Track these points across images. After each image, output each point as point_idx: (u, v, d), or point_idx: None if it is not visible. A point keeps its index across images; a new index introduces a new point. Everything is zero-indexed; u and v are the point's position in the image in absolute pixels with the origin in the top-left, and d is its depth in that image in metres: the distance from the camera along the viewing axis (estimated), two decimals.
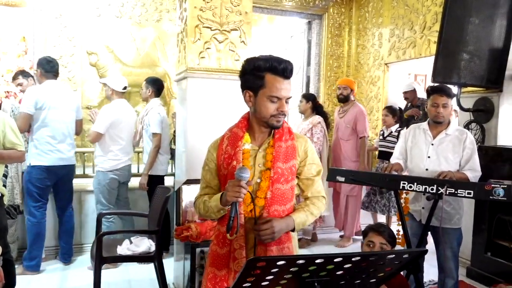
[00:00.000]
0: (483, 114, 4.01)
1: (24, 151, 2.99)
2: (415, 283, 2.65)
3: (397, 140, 4.74)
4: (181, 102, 3.34)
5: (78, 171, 4.62)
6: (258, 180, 1.65)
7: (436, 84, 2.93)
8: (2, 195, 2.87)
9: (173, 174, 4.50)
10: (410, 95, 5.03)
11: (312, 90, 6.12)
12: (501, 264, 3.54)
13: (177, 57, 3.41)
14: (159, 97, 4.18)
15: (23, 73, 4.31)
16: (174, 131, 4.06)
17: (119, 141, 3.85)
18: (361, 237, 4.73)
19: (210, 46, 3.03)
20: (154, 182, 3.99)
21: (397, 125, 4.86)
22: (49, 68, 3.71)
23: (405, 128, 4.78)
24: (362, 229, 4.81)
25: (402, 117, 4.95)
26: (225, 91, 3.03)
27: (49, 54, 5.19)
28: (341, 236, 4.88)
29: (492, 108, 3.93)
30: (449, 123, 2.87)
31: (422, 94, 5.12)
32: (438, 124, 2.85)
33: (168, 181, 4.29)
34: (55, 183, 3.75)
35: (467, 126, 4.07)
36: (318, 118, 4.49)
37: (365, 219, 4.94)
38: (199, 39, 3.00)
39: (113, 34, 5.50)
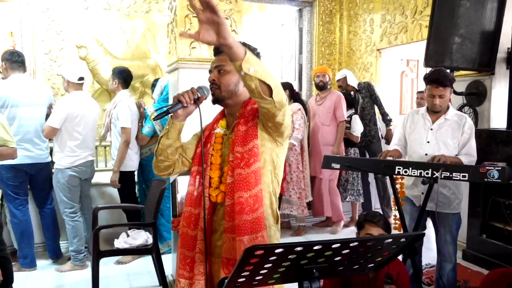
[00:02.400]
0: (475, 97, 4.02)
1: (15, 147, 2.95)
2: (412, 267, 2.67)
3: (350, 125, 4.78)
4: (173, 94, 3.31)
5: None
6: (225, 166, 1.66)
7: (431, 73, 2.82)
8: None
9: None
10: (342, 82, 5.09)
11: (304, 78, 6.11)
12: (496, 246, 3.58)
13: (168, 48, 3.37)
14: (127, 89, 4.01)
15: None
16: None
17: (76, 135, 3.61)
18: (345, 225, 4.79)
19: None
20: (125, 178, 3.85)
21: (351, 111, 4.88)
22: (13, 59, 3.52)
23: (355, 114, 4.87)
24: (346, 217, 4.90)
25: (355, 103, 4.97)
26: None
27: (38, 49, 5.18)
28: (322, 221, 4.98)
29: (485, 91, 3.94)
30: (448, 108, 2.85)
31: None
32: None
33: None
34: (31, 180, 3.65)
35: (460, 109, 4.07)
36: (297, 105, 4.56)
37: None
38: (189, 29, 2.96)
39: (102, 27, 5.42)
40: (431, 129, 2.84)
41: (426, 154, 2.81)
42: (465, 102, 4.08)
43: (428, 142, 2.84)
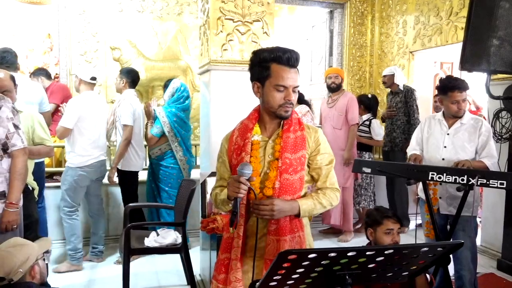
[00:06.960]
0: None
1: (52, 146, 3.05)
2: (444, 275, 2.60)
3: (369, 129, 4.65)
4: (204, 95, 3.34)
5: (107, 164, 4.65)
6: (268, 171, 1.68)
7: (449, 81, 2.84)
8: (33, 189, 2.94)
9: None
10: (388, 79, 4.79)
11: None
12: None
13: (200, 50, 3.41)
14: (134, 89, 3.98)
15: (34, 73, 4.32)
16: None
17: (88, 135, 3.59)
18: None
19: (233, 38, 3.02)
20: (128, 178, 3.80)
21: (369, 114, 4.76)
22: (2, 62, 3.49)
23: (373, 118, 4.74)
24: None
25: (373, 106, 4.82)
26: (248, 83, 2.98)
27: (74, 50, 5.34)
28: (323, 231, 4.83)
29: None
30: (464, 112, 2.85)
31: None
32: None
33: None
34: None
35: (497, 114, 3.94)
36: (305, 107, 4.51)
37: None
38: (221, 31, 2.99)
39: (135, 29, 5.55)
40: (448, 134, 2.84)
41: (443, 159, 2.81)
42: (503, 107, 3.94)
43: (445, 147, 2.84)
